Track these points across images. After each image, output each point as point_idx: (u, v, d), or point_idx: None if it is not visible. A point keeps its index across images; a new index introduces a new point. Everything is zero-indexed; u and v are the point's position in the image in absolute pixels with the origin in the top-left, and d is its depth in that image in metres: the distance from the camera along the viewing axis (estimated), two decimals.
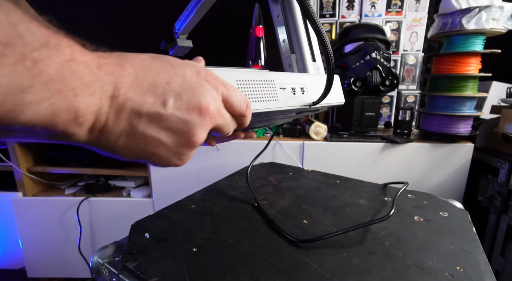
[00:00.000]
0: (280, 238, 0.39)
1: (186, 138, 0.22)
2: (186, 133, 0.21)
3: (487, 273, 0.31)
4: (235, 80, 0.28)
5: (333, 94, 0.39)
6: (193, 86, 0.21)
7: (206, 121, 0.22)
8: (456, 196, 0.99)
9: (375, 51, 0.96)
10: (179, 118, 0.21)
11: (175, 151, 0.22)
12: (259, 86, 0.30)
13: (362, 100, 1.01)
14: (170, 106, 0.20)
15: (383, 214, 0.45)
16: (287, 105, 0.32)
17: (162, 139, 0.21)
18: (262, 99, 0.30)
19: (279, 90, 0.32)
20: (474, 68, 0.91)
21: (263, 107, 0.30)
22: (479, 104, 1.19)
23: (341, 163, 0.98)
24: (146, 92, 0.20)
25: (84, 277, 1.21)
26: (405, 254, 0.35)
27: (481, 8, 0.83)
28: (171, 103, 0.20)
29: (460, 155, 0.95)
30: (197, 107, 0.21)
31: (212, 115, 0.22)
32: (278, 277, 0.31)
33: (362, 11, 1.20)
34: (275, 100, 0.31)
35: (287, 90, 0.33)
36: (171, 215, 0.46)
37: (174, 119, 0.21)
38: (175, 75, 0.21)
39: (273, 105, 0.31)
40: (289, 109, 0.33)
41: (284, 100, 0.32)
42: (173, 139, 0.21)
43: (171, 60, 0.22)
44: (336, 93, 0.40)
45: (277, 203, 0.50)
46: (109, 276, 0.36)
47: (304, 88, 0.35)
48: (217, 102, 0.23)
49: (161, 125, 0.20)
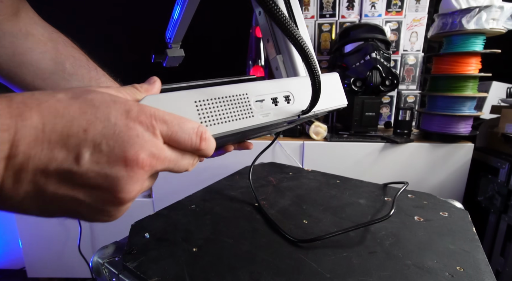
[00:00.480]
0: (280, 238, 0.39)
1: (110, 195, 0.18)
2: (109, 190, 0.18)
3: (487, 273, 0.31)
4: (194, 102, 0.23)
5: (333, 97, 0.34)
6: (117, 132, 0.18)
7: (135, 173, 0.18)
8: (456, 196, 0.99)
9: (375, 51, 0.96)
10: (98, 173, 0.17)
11: (100, 209, 0.19)
12: (227, 104, 0.25)
13: (362, 100, 1.01)
14: (86, 160, 0.17)
15: (383, 214, 0.45)
16: (266, 121, 0.28)
17: (79, 198, 0.18)
18: (232, 118, 0.25)
19: (255, 104, 0.27)
20: (474, 68, 0.91)
21: (232, 128, 0.25)
22: (479, 104, 1.19)
23: (341, 163, 0.98)
24: (56, 146, 0.16)
25: (84, 277, 1.21)
26: (405, 254, 0.35)
27: (481, 8, 0.83)
28: (87, 157, 0.17)
29: (460, 155, 0.95)
30: (121, 158, 0.18)
31: (144, 164, 0.18)
32: (278, 277, 0.31)
33: (362, 11, 1.20)
34: (248, 117, 0.26)
35: (266, 102, 0.28)
36: (171, 215, 0.46)
37: (92, 175, 0.17)
38: (95, 119, 0.17)
39: (246, 124, 0.26)
40: (270, 124, 0.28)
41: (262, 114, 0.28)
42: (94, 197, 0.18)
43: (95, 98, 0.18)
44: (336, 96, 0.35)
45: (277, 203, 0.50)
46: (109, 276, 0.36)
47: (290, 95, 0.30)
48: (151, 146, 0.19)
49: (76, 182, 0.17)
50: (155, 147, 0.19)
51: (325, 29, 1.26)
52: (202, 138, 0.21)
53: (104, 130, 0.17)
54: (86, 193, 0.18)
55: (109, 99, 0.18)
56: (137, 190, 0.19)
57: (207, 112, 0.24)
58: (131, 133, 0.18)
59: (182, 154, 0.21)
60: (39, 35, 0.36)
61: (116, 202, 0.19)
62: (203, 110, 0.24)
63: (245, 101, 0.27)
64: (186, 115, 0.22)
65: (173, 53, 0.62)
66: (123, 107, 0.18)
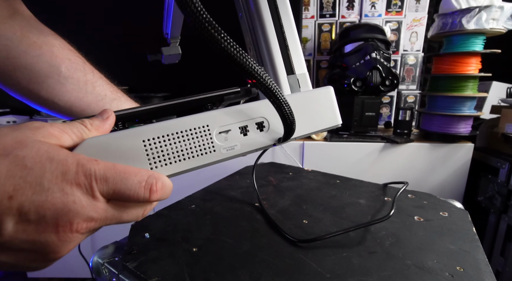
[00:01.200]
0: (280, 238, 0.39)
1: (39, 255, 0.17)
2: (38, 252, 0.17)
3: (487, 273, 0.31)
4: (142, 142, 0.21)
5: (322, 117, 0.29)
6: (50, 199, 0.16)
7: (68, 237, 0.17)
8: (456, 196, 0.99)
9: (375, 51, 0.96)
10: (24, 240, 0.16)
11: (27, 266, 0.18)
12: (183, 139, 0.22)
13: (362, 100, 1.01)
14: (9, 230, 0.15)
15: (383, 214, 0.45)
16: (231, 155, 0.25)
17: (2, 260, 0.16)
18: (188, 155, 0.23)
19: (218, 136, 0.24)
20: (474, 68, 0.91)
21: (189, 166, 0.23)
22: (479, 104, 1.19)
23: (341, 163, 0.98)
24: None
25: (84, 277, 1.21)
26: (405, 254, 0.35)
27: (481, 8, 0.83)
28: (10, 227, 0.15)
29: (460, 155, 0.95)
30: (53, 226, 0.16)
31: (79, 228, 0.17)
32: (278, 277, 0.31)
33: (362, 11, 1.21)
34: (208, 152, 0.23)
35: (233, 132, 0.24)
36: (171, 215, 0.46)
37: (17, 242, 0.16)
38: (24, 184, 0.15)
39: (207, 160, 0.23)
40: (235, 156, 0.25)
41: (227, 148, 0.24)
42: (19, 258, 0.17)
43: (28, 156, 0.16)
44: (327, 115, 0.29)
45: (277, 203, 0.50)
46: (109, 276, 0.36)
47: (265, 121, 0.26)
48: (89, 211, 0.17)
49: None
50: (94, 210, 0.17)
51: (325, 29, 1.26)
52: (152, 191, 0.19)
53: (34, 196, 0.15)
54: (10, 255, 0.16)
55: (45, 156, 0.16)
56: (70, 249, 0.18)
57: (157, 152, 0.21)
58: (66, 199, 0.16)
59: (128, 208, 0.19)
60: (34, 38, 0.35)
61: (46, 260, 0.18)
62: (153, 149, 0.21)
63: (205, 135, 0.23)
64: (134, 158, 0.21)
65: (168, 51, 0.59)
66: (59, 168, 0.16)
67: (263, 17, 0.27)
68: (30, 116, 1.32)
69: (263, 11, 0.27)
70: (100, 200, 0.18)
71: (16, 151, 0.16)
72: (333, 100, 0.29)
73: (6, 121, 1.19)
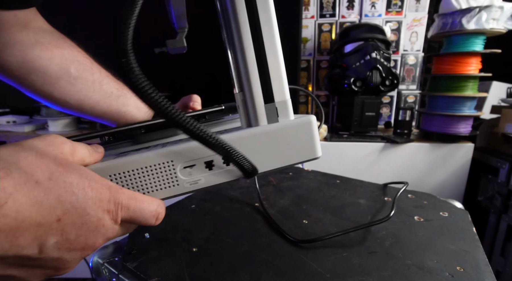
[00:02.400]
0: (280, 238, 0.39)
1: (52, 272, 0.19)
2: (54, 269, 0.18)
3: (487, 273, 0.31)
4: (108, 175, 0.22)
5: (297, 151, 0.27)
6: (87, 222, 0.18)
7: (87, 254, 0.19)
8: (456, 196, 0.99)
9: (375, 51, 0.96)
10: (53, 258, 0.17)
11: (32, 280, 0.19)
12: (146, 174, 0.23)
13: (362, 100, 1.01)
14: (49, 248, 0.17)
15: (383, 214, 0.45)
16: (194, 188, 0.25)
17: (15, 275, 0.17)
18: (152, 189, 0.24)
19: (183, 171, 0.24)
20: (474, 68, 0.91)
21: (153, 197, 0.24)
22: (479, 104, 1.19)
23: (341, 163, 0.98)
24: (23, 234, 0.15)
25: (84, 277, 1.21)
26: (405, 254, 0.35)
27: (481, 8, 0.83)
28: (51, 244, 0.17)
29: (460, 155, 0.95)
30: (81, 245, 0.18)
31: (98, 246, 0.20)
32: (278, 277, 0.31)
33: (362, 11, 1.21)
34: (172, 186, 0.24)
35: (198, 167, 0.24)
36: (171, 215, 0.46)
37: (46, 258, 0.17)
38: (73, 209, 0.17)
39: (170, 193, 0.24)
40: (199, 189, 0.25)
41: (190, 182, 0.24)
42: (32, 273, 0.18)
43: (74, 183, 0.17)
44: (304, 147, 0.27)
45: (277, 203, 0.50)
46: (109, 276, 0.36)
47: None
48: (110, 233, 0.20)
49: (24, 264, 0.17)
50: (112, 232, 0.20)
51: (325, 29, 1.26)
52: (158, 219, 0.23)
53: (77, 219, 0.17)
54: (26, 271, 0.17)
55: (87, 184, 0.18)
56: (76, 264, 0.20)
57: (122, 185, 0.23)
58: (99, 224, 0.19)
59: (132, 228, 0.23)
60: (46, 43, 0.38)
61: (52, 276, 0.19)
62: (121, 183, 0.23)
63: (169, 169, 0.24)
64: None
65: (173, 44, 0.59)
66: (98, 196, 0.18)
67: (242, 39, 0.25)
68: (30, 116, 1.32)
69: (242, 32, 0.25)
70: (119, 224, 0.20)
71: (63, 177, 0.17)
72: (312, 132, 0.27)
73: (6, 121, 1.19)
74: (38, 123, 1.24)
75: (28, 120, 1.28)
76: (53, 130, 1.18)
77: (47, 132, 1.16)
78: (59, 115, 1.19)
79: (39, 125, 1.24)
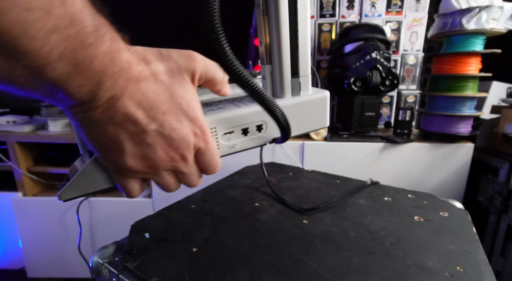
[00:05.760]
0: (280, 238, 0.39)
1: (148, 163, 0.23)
2: (149, 159, 0.22)
3: (487, 273, 0.31)
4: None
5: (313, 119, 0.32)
6: (177, 129, 0.22)
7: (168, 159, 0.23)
8: (456, 196, 0.99)
9: (375, 51, 0.96)
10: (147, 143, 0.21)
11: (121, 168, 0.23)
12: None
13: (362, 100, 1.01)
14: (150, 130, 0.21)
15: (383, 214, 0.45)
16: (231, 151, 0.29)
17: (125, 147, 0.21)
18: None
19: (223, 137, 0.28)
20: (474, 68, 0.91)
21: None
22: (479, 104, 1.19)
23: (341, 163, 0.98)
24: (140, 108, 0.20)
25: (84, 277, 1.21)
26: (405, 254, 0.35)
27: (481, 8, 0.83)
28: (152, 130, 0.21)
29: (460, 155, 0.95)
30: (169, 143, 0.22)
31: (172, 157, 0.23)
32: (278, 277, 0.31)
33: (362, 11, 1.20)
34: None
35: (236, 134, 0.28)
36: (171, 215, 0.46)
37: (150, 140, 0.21)
38: (176, 112, 0.22)
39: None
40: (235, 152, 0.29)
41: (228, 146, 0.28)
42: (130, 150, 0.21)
43: (184, 98, 0.22)
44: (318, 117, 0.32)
45: (277, 203, 0.50)
46: (109, 276, 0.36)
47: (263, 124, 0.29)
48: (186, 153, 0.24)
49: (135, 136, 0.21)
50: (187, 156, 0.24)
51: (325, 29, 1.26)
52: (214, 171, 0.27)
53: (173, 122, 0.22)
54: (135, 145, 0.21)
55: (192, 105, 0.23)
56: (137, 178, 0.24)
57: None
58: (185, 137, 0.23)
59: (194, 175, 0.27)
60: None
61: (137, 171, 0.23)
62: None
63: (212, 135, 0.27)
64: None
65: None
66: (195, 118, 0.23)
67: (280, 13, 0.27)
68: (30, 116, 1.32)
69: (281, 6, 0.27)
70: (193, 155, 0.25)
71: (176, 90, 0.22)
72: (327, 105, 0.32)
73: (6, 121, 1.19)
74: (38, 123, 1.24)
75: (28, 120, 1.28)
76: (53, 130, 1.18)
77: (47, 132, 1.16)
78: (59, 115, 1.19)
79: (39, 125, 1.24)
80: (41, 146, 1.21)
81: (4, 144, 1.13)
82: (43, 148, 1.23)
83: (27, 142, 1.14)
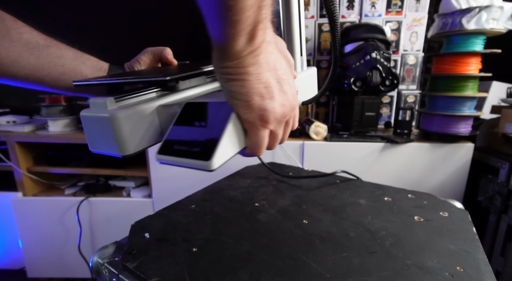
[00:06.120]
0: (281, 238, 0.39)
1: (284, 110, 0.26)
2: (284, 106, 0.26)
3: (487, 273, 0.31)
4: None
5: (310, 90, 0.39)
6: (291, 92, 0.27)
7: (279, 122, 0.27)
8: (456, 196, 0.99)
9: (375, 51, 0.96)
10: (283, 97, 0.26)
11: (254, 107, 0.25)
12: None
13: (362, 100, 1.01)
14: (271, 81, 0.24)
15: (383, 214, 0.45)
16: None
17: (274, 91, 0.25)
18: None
19: None
20: (474, 68, 0.91)
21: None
22: (479, 104, 1.19)
23: (341, 163, 0.98)
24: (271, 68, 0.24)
25: (84, 277, 1.21)
26: (405, 254, 0.35)
27: (481, 8, 0.83)
28: (273, 80, 0.24)
29: (460, 155, 0.95)
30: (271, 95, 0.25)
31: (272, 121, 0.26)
32: (278, 277, 0.31)
33: (362, 11, 1.20)
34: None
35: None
36: (171, 215, 0.46)
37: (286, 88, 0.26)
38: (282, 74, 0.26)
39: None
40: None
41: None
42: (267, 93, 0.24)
43: (289, 80, 0.26)
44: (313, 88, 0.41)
45: (277, 203, 0.50)
46: (109, 276, 0.36)
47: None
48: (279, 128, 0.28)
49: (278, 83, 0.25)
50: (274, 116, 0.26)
51: (325, 29, 1.26)
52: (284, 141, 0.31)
53: (286, 86, 0.26)
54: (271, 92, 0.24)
55: (293, 87, 0.27)
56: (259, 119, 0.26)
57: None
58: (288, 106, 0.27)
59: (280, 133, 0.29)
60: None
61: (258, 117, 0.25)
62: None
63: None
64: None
65: None
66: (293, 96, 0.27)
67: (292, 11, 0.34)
68: (30, 116, 1.32)
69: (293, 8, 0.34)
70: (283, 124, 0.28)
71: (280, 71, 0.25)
72: (316, 77, 0.41)
73: (6, 121, 1.19)
74: (38, 123, 1.24)
75: (28, 120, 1.28)
76: (53, 130, 1.18)
77: (47, 132, 1.16)
78: (59, 115, 1.19)
79: (39, 125, 1.24)
80: (41, 146, 1.21)
81: (4, 144, 1.13)
82: (43, 148, 1.23)
83: (27, 142, 1.14)
